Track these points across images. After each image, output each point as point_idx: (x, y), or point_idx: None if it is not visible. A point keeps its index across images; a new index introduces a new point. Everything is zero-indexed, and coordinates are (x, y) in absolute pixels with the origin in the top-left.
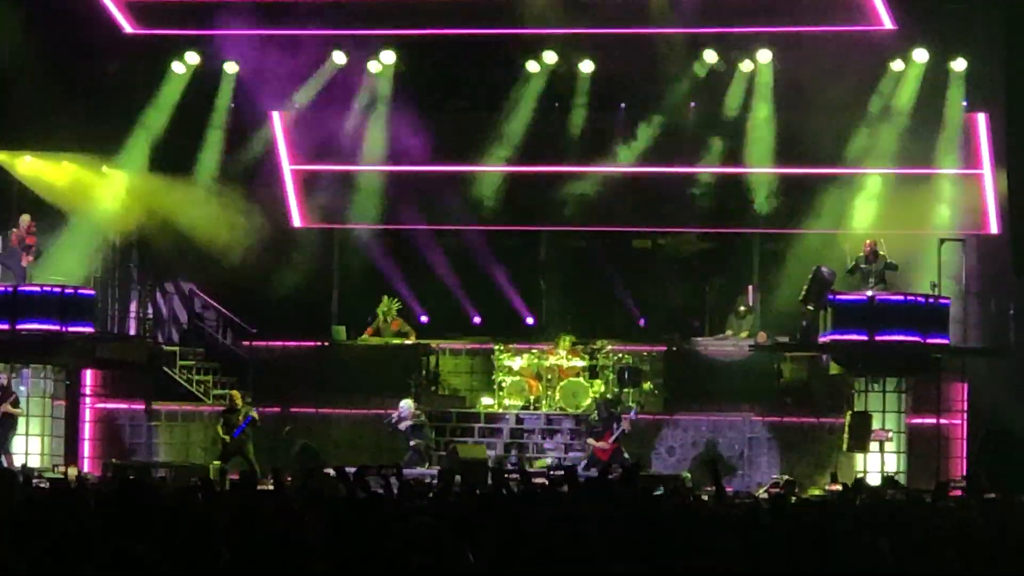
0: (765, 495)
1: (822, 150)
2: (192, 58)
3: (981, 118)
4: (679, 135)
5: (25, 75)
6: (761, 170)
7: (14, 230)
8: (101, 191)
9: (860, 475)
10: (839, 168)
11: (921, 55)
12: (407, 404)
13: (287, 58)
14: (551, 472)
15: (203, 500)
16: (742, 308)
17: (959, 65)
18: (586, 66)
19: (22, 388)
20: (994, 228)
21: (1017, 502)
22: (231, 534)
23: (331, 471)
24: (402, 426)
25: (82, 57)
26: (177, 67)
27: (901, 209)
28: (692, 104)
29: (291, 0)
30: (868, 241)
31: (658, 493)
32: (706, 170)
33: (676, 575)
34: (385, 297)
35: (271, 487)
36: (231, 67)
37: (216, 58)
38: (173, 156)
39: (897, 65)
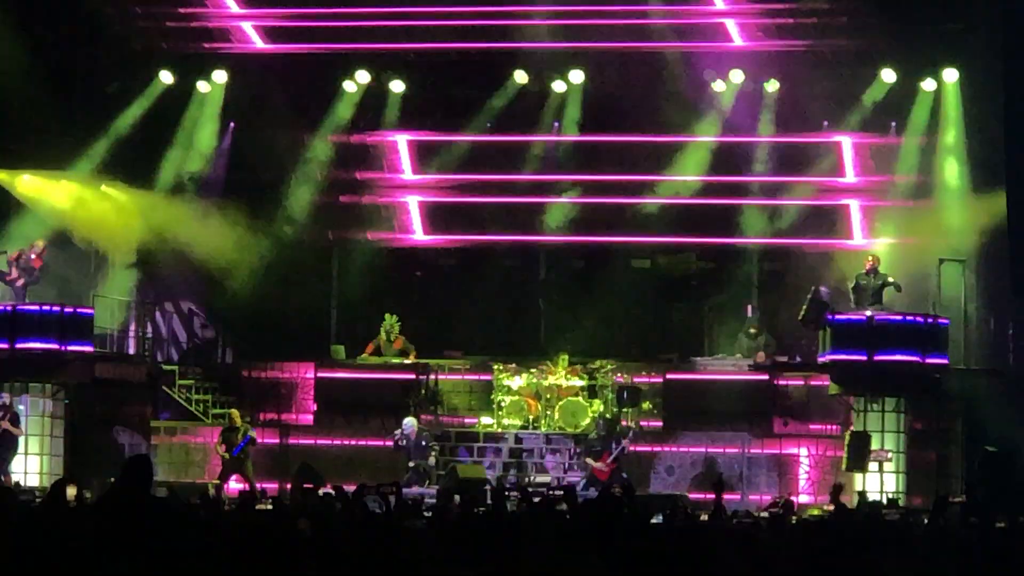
0: (764, 515)
1: (821, 163)
2: (167, 77)
3: None
4: (680, 151)
5: (25, 93)
6: (758, 178)
7: (21, 249)
8: (99, 209)
9: (857, 495)
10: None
11: (928, 84)
12: (410, 422)
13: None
14: (550, 492)
15: (204, 518)
16: (753, 329)
17: (951, 76)
18: (576, 76)
19: (21, 407)
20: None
21: (1017, 523)
22: (232, 553)
23: (331, 490)
24: (404, 445)
25: (82, 76)
26: (166, 78)
27: (901, 227)
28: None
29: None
30: (870, 258)
31: (656, 521)
32: (706, 179)
33: None
34: (387, 314)
35: (270, 507)
36: (220, 76)
37: (214, 76)
38: (170, 174)
39: (888, 75)
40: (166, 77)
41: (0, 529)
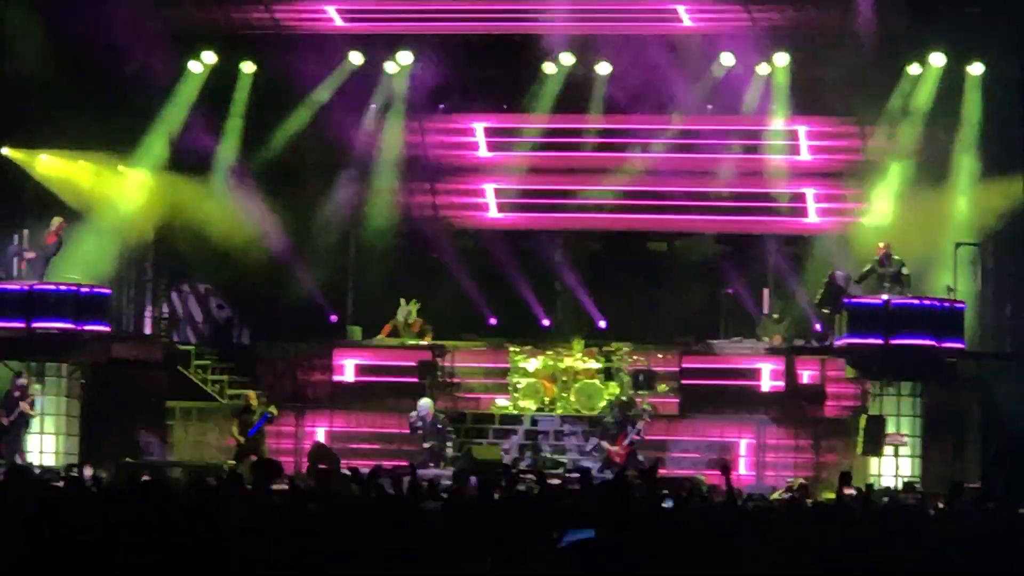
0: (780, 498)
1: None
2: (209, 57)
3: None
4: (697, 136)
5: (42, 73)
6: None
7: (47, 230)
8: (117, 190)
9: (872, 479)
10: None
11: (938, 59)
12: (426, 403)
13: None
14: (566, 474)
15: (219, 498)
16: (776, 315)
17: (976, 69)
18: (603, 68)
19: (37, 387)
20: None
21: None
22: (246, 533)
23: (347, 471)
24: (420, 427)
25: (100, 56)
26: (194, 66)
27: (917, 212)
28: (708, 106)
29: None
30: (882, 244)
31: (667, 506)
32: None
33: None
34: (402, 300)
35: (286, 486)
36: (248, 67)
37: (233, 58)
38: (189, 156)
39: (914, 69)
40: (208, 58)
41: (17, 507)
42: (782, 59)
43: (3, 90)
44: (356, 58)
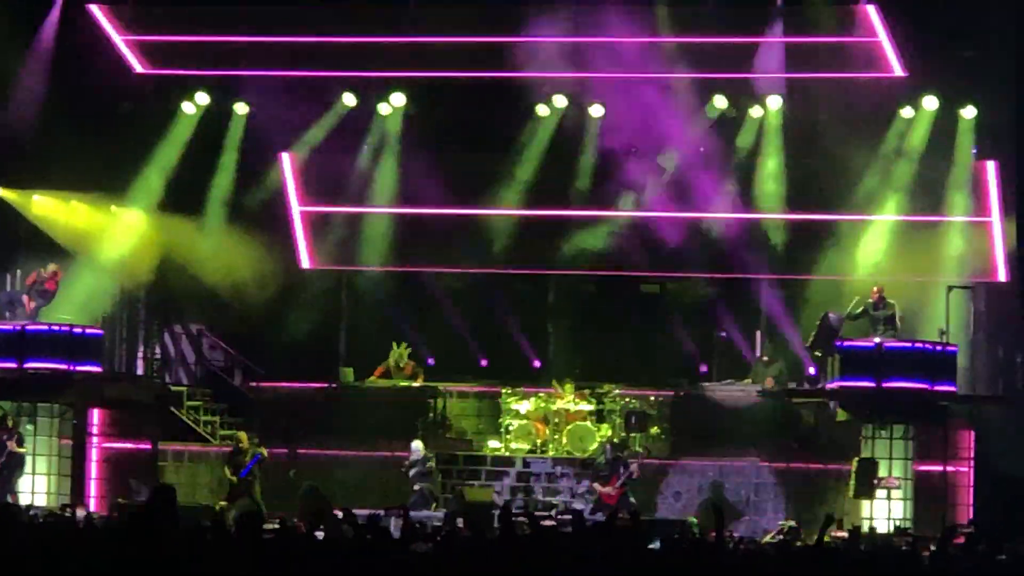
0: (771, 541)
1: (832, 195)
2: (202, 98)
3: (991, 165)
4: (689, 179)
5: (36, 115)
6: (771, 215)
7: (37, 271)
8: (110, 230)
9: (865, 522)
10: (849, 214)
11: (931, 102)
12: (417, 445)
13: (297, 100)
14: (558, 516)
15: (213, 541)
16: (766, 357)
17: (969, 112)
18: (596, 111)
19: (28, 427)
20: (1002, 276)
21: None
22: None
23: (339, 513)
24: (411, 472)
25: (94, 97)
26: (187, 107)
27: (909, 255)
28: (701, 149)
29: (302, 42)
30: (876, 288)
31: (654, 547)
32: (716, 215)
33: None
34: (395, 343)
35: (276, 525)
36: (241, 108)
37: (226, 99)
38: (183, 196)
39: (907, 112)
40: (201, 99)
41: (4, 546)
42: (775, 102)
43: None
44: (349, 99)
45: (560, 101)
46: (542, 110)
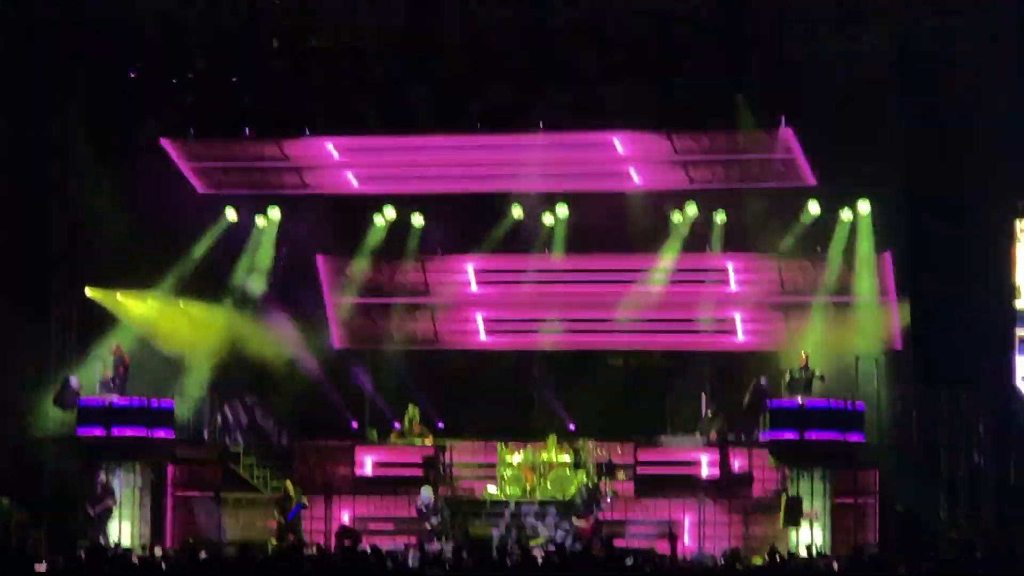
0: (718, 563)
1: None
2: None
3: (887, 256)
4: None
5: (115, 229)
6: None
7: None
8: (179, 321)
9: (792, 546)
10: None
11: (835, 200)
12: (427, 491)
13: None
14: (546, 547)
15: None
16: (710, 414)
17: (864, 208)
18: (561, 211)
19: (116, 483)
20: (899, 345)
21: (924, 569)
22: None
23: (367, 547)
24: (424, 510)
25: (160, 211)
26: (230, 214)
27: (830, 330)
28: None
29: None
30: (803, 354)
31: (629, 563)
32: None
33: None
34: (410, 405)
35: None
36: (275, 213)
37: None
38: (233, 290)
39: (815, 209)
40: (231, 215)
41: None
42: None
43: (89, 245)
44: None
45: (530, 201)
46: (516, 211)
